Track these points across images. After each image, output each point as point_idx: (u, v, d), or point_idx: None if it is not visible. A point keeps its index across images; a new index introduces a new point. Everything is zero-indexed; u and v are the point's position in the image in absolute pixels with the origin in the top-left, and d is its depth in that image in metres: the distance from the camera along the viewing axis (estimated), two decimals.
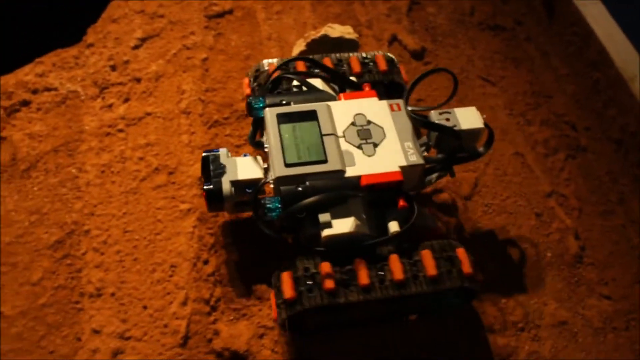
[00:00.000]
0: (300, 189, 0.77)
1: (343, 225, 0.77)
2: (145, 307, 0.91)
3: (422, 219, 0.90)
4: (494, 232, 0.98)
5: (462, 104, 1.11)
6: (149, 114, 1.09)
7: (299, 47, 1.11)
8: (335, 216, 0.77)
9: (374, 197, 0.80)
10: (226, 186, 0.82)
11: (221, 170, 0.83)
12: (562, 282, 0.95)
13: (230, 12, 1.22)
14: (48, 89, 1.12)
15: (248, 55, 1.17)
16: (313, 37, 1.08)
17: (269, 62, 0.95)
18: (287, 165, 0.78)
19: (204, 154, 0.86)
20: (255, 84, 0.95)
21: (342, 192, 0.78)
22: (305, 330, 0.84)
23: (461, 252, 0.79)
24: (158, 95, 1.11)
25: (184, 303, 0.91)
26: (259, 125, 0.85)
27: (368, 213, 0.80)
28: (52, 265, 0.95)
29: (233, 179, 0.83)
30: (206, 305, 0.90)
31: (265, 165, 0.84)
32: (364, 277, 0.75)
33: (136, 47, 1.18)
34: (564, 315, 0.92)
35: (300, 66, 0.94)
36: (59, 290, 0.93)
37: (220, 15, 1.21)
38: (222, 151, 0.86)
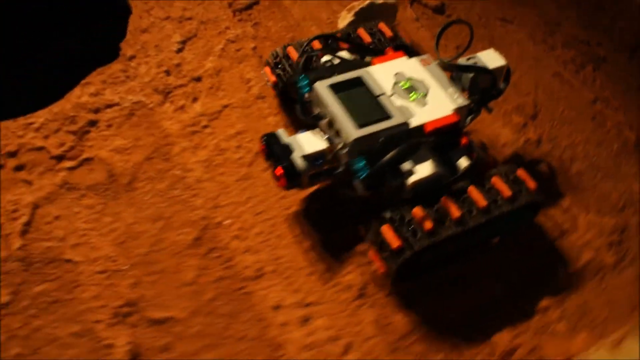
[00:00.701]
0: (376, 145, 0.84)
1: (424, 170, 0.85)
2: (310, 274, 0.94)
3: (480, 151, 1.01)
4: (558, 139, 1.12)
5: (491, 44, 1.25)
6: (225, 106, 1.11)
7: (344, 19, 1.18)
8: (414, 164, 0.86)
9: (438, 141, 0.90)
10: (299, 162, 0.87)
11: (288, 148, 0.88)
12: (635, 166, 1.11)
13: (257, 2, 1.26)
14: (110, 106, 1.10)
15: (292, 37, 1.22)
16: (360, 6, 1.16)
17: (287, 46, 1.01)
18: (360, 126, 0.84)
19: (264, 138, 0.90)
20: (278, 69, 1.01)
21: (414, 140, 0.86)
22: (410, 276, 0.89)
23: (522, 172, 0.89)
24: (226, 88, 1.13)
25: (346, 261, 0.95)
26: (305, 103, 0.90)
27: (437, 156, 0.89)
28: (201, 262, 0.94)
29: (303, 154, 0.87)
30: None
31: (327, 136, 0.89)
32: (455, 211, 0.83)
33: (180, 50, 1.19)
34: None
35: (317, 44, 1.01)
36: (220, 281, 0.93)
37: (249, 7, 1.25)
38: (280, 131, 0.91)
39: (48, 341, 0.87)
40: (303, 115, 0.90)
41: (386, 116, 0.85)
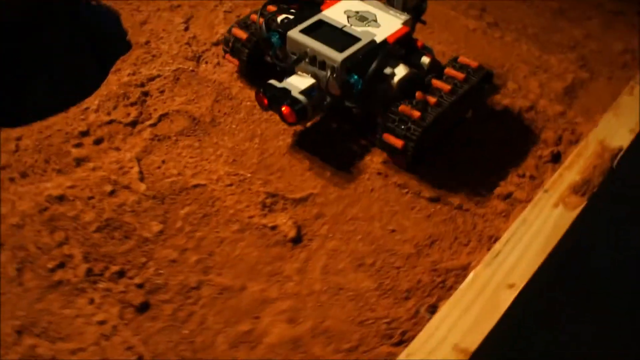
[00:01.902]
0: (358, 62, 1.02)
1: (402, 70, 1.04)
2: None
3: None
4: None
5: None
6: None
7: None
8: (392, 69, 1.04)
9: (402, 49, 1.09)
10: (300, 97, 1.00)
11: (285, 90, 1.02)
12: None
13: None
14: (152, 78, 1.20)
15: None
16: None
17: (232, 27, 1.16)
18: (341, 51, 1.00)
19: (261, 89, 1.02)
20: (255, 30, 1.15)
21: (387, 49, 1.05)
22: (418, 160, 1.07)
23: (463, 59, 1.10)
24: None
25: None
26: (278, 55, 1.06)
27: (406, 60, 1.09)
28: (309, 155, 1.07)
29: (300, 90, 1.01)
30: None
31: (308, 75, 1.03)
32: (431, 99, 1.03)
33: (186, 28, 1.32)
34: None
35: (271, 8, 1.16)
36: (332, 161, 1.06)
37: None
38: (272, 81, 1.04)
39: (217, 243, 0.94)
40: (280, 63, 1.05)
41: (357, 39, 1.04)
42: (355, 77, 1.00)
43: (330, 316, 0.87)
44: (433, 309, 0.88)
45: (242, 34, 1.15)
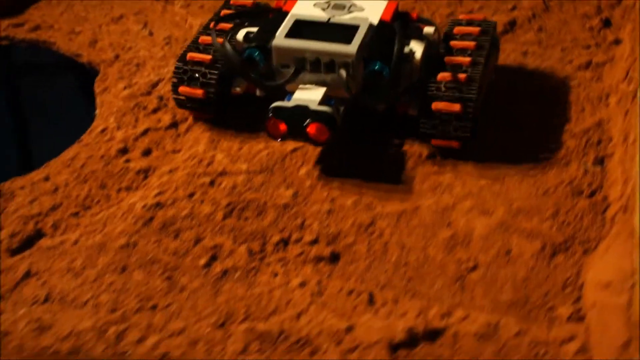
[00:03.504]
0: (370, 50, 1.02)
1: (419, 46, 1.06)
2: None
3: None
4: None
5: None
6: None
7: None
8: (408, 47, 1.09)
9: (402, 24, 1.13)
10: (324, 108, 0.97)
11: (299, 108, 0.98)
12: None
13: None
14: (156, 84, 1.25)
15: None
16: None
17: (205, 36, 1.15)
18: (347, 43, 1.00)
19: (272, 114, 0.98)
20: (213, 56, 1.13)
21: (399, 27, 1.06)
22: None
23: (464, 15, 1.18)
24: None
25: None
26: (262, 74, 1.03)
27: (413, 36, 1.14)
28: None
29: (317, 101, 0.98)
30: None
31: (306, 88, 1.02)
32: (463, 59, 1.06)
33: (151, 33, 1.39)
34: None
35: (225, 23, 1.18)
36: None
37: None
38: (278, 103, 1.00)
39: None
40: (268, 84, 1.03)
41: (354, 27, 1.03)
42: (379, 63, 1.00)
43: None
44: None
45: (205, 56, 1.10)
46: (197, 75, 1.09)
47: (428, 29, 1.09)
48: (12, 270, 0.93)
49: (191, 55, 1.10)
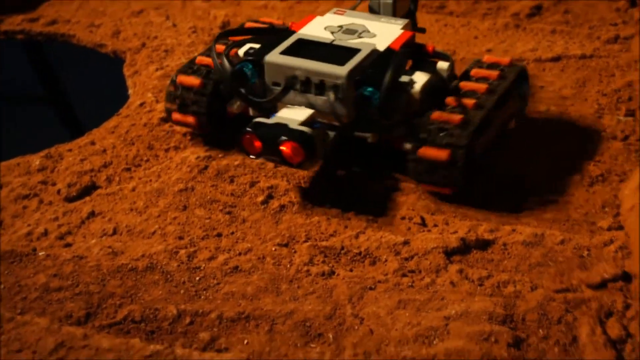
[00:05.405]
0: (366, 75, 1.15)
1: (421, 76, 1.18)
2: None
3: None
4: None
5: None
6: None
7: None
8: (409, 77, 1.18)
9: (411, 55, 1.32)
10: (304, 128, 1.11)
11: (280, 126, 1.11)
12: None
13: None
14: None
15: None
16: None
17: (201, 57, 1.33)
18: (342, 65, 1.13)
19: (250, 129, 1.11)
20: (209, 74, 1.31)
21: (399, 58, 1.18)
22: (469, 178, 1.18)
23: (488, 57, 1.30)
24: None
25: None
26: (255, 91, 1.18)
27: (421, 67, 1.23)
28: None
29: (299, 121, 1.12)
30: None
31: (294, 107, 1.17)
32: (468, 101, 1.18)
33: (174, 24, 1.73)
34: None
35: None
36: None
37: None
38: (259, 118, 1.14)
39: None
40: (257, 101, 1.17)
41: (355, 50, 1.17)
42: (370, 89, 1.11)
43: None
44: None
45: (194, 80, 1.27)
46: (187, 101, 1.28)
47: (442, 64, 1.21)
48: (75, 211, 1.21)
49: (180, 79, 1.28)
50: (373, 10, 1.32)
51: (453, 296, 1.02)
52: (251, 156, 1.14)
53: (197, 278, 1.07)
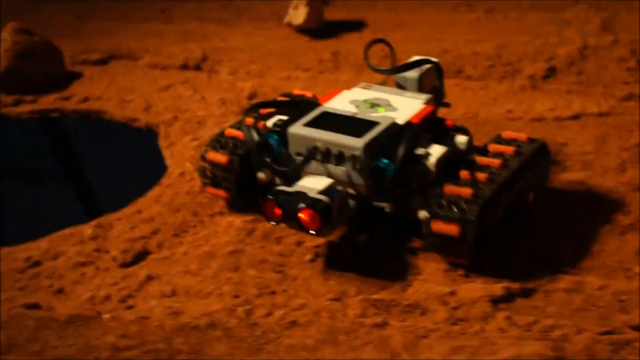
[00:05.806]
0: (383, 147, 1.20)
1: (438, 149, 1.23)
2: None
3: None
4: None
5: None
6: None
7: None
8: (425, 150, 1.23)
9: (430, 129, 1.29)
10: (322, 197, 1.17)
11: (300, 194, 1.17)
12: None
13: None
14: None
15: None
16: None
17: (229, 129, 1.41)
18: (360, 136, 1.20)
19: (270, 197, 1.18)
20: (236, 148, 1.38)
21: (414, 132, 1.23)
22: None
23: (507, 134, 1.33)
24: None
25: None
26: (280, 161, 1.26)
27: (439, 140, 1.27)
28: None
29: (318, 190, 1.18)
30: None
31: (315, 177, 1.23)
32: (480, 175, 1.21)
33: (203, 97, 1.82)
34: None
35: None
36: None
37: None
38: (281, 187, 1.21)
39: None
40: (281, 169, 1.26)
41: (375, 123, 1.23)
42: (385, 160, 1.17)
43: None
44: None
45: (222, 157, 1.34)
46: (217, 177, 1.36)
47: (460, 138, 1.27)
48: (132, 276, 1.27)
49: (209, 156, 1.36)
50: (400, 86, 1.39)
51: (504, 341, 1.09)
52: (272, 222, 1.20)
53: (257, 333, 1.13)
